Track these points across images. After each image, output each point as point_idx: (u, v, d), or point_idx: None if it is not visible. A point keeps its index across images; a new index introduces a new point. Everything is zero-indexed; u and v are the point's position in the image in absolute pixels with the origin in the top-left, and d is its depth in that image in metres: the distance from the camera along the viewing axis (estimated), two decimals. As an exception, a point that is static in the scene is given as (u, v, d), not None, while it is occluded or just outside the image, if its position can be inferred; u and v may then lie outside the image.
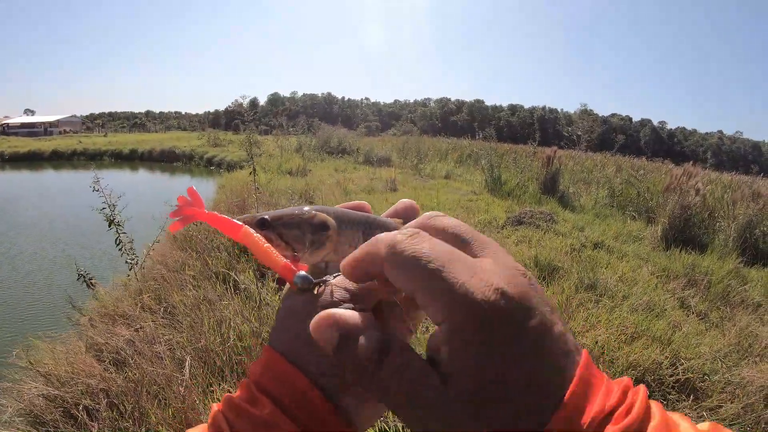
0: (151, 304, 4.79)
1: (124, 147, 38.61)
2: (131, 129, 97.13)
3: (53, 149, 38.42)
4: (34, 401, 3.38)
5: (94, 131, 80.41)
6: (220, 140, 36.84)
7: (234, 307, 4.28)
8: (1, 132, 74.29)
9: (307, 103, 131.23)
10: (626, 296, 5.04)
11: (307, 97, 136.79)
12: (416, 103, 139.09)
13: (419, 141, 26.27)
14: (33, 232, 12.60)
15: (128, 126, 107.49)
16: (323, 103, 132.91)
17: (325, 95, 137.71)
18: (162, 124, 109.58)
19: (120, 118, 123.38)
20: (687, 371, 3.48)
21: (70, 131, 78.07)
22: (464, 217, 8.49)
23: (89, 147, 39.63)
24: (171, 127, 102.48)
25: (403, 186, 12.85)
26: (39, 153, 37.81)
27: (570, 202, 11.03)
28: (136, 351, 3.74)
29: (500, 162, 14.23)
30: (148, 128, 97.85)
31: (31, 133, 69.96)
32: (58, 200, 17.30)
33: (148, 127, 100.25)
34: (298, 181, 12.89)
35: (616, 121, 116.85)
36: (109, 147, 39.18)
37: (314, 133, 27.68)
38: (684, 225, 7.64)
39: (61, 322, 5.25)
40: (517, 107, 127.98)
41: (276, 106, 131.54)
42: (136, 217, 6.84)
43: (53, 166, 34.30)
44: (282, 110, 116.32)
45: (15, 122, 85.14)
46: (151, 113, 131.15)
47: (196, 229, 6.54)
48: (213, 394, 3.13)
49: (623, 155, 23.25)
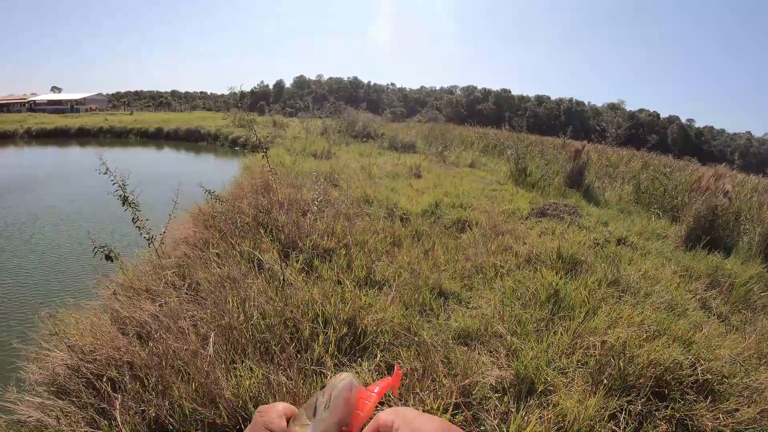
0: (175, 280, 4.86)
1: (149, 125, 38.97)
2: (157, 108, 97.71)
3: (80, 126, 38.76)
4: (58, 371, 3.47)
5: (120, 109, 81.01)
6: (245, 121, 37.05)
7: (258, 286, 4.34)
8: (28, 109, 75.14)
9: (333, 87, 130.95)
10: (648, 294, 5.00)
11: (333, 81, 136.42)
12: (442, 90, 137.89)
13: (444, 128, 26.21)
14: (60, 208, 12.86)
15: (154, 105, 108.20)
16: (349, 87, 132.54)
17: (351, 79, 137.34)
18: (187, 104, 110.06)
19: (145, 97, 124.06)
20: (706, 372, 3.46)
21: (96, 109, 78.81)
22: (488, 207, 8.50)
23: (115, 125, 39.94)
24: (196, 107, 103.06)
25: (427, 173, 12.80)
26: (66, 130, 38.15)
27: (595, 196, 10.93)
28: (161, 325, 3.82)
29: (526, 153, 14.12)
30: (174, 107, 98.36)
31: (57, 110, 70.67)
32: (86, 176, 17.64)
33: (173, 107, 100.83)
34: (322, 164, 12.95)
35: (643, 117, 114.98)
36: (134, 125, 39.48)
37: (340, 116, 27.66)
38: (710, 226, 7.53)
39: (86, 293, 5.34)
40: (544, 98, 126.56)
41: (302, 88, 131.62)
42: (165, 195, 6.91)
43: (79, 142, 34.80)
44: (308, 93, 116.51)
45: (42, 99, 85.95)
46: (177, 93, 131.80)
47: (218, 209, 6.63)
48: (236, 371, 3.18)
49: (649, 152, 22.93)
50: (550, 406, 3.08)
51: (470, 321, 4.15)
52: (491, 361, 3.59)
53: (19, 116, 49.91)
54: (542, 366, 3.39)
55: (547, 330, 4.03)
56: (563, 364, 3.58)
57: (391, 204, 8.24)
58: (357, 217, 7.23)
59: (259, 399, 2.95)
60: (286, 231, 5.95)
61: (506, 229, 6.97)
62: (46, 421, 2.99)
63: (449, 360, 3.47)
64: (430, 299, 4.59)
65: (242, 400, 2.92)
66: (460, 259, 5.79)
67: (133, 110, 75.62)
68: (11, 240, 9.77)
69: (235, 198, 7.71)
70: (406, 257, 5.70)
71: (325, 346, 3.56)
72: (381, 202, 8.44)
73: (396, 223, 7.19)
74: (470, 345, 3.86)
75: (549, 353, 3.63)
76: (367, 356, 3.62)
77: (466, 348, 3.78)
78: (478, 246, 6.23)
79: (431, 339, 3.77)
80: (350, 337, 3.75)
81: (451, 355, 3.52)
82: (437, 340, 3.80)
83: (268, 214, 6.60)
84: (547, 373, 3.37)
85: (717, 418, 3.09)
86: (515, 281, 5.06)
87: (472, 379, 3.24)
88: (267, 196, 7.58)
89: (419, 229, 6.91)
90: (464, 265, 5.60)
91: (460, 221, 7.51)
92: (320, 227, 6.19)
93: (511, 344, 3.74)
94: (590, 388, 3.31)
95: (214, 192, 6.65)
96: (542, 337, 3.86)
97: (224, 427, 2.85)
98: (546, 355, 3.56)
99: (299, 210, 6.95)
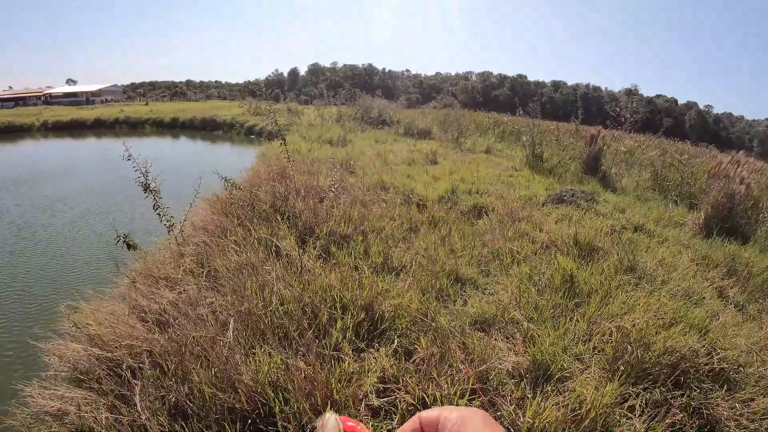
0: (193, 268, 4.92)
1: (165, 115, 39.22)
2: (172, 98, 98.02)
3: (96, 118, 39.06)
4: (78, 360, 3.53)
5: (136, 100, 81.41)
6: (261, 110, 37.08)
7: (276, 272, 4.38)
8: (44, 102, 75.78)
9: (348, 74, 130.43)
10: (665, 281, 4.97)
11: (347, 68, 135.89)
12: (458, 77, 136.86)
13: (460, 115, 26.03)
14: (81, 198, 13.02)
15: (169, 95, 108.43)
16: (364, 74, 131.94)
17: (366, 66, 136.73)
18: (202, 93, 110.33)
19: (160, 87, 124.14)
20: (722, 361, 3.45)
21: (111, 100, 79.43)
22: (504, 193, 8.49)
23: (131, 115, 40.19)
24: (211, 96, 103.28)
25: (443, 159, 12.79)
26: (82, 121, 38.47)
27: (611, 182, 10.84)
28: (180, 312, 3.87)
29: (542, 139, 14.03)
30: (189, 97, 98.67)
31: (73, 103, 71.28)
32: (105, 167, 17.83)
33: (188, 96, 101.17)
34: (338, 151, 12.99)
35: (661, 103, 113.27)
36: (150, 115, 39.78)
37: (355, 103, 27.62)
38: (727, 214, 7.44)
39: (105, 281, 5.42)
40: (560, 84, 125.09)
41: (316, 76, 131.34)
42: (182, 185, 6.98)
43: (95, 134, 35.09)
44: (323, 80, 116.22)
45: (58, 92, 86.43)
46: (192, 83, 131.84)
47: (235, 196, 6.68)
48: (255, 356, 3.22)
49: (667, 138, 22.64)
50: (567, 392, 3.09)
51: (487, 307, 4.17)
52: (508, 347, 3.61)
53: (35, 109, 50.44)
54: (559, 352, 3.40)
55: (564, 316, 4.04)
56: (580, 350, 3.59)
57: (407, 190, 8.26)
58: (373, 203, 7.26)
59: (278, 384, 2.99)
60: (304, 218, 6.00)
61: (523, 216, 6.97)
62: (66, 410, 3.04)
63: (466, 346, 3.49)
64: (447, 285, 4.61)
65: (261, 385, 2.96)
66: (476, 245, 5.80)
67: (148, 101, 75.99)
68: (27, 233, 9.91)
69: (252, 185, 7.76)
70: (422, 243, 5.73)
71: (343, 332, 3.60)
72: (397, 189, 8.47)
73: (413, 209, 7.21)
74: (487, 331, 3.89)
75: (565, 340, 3.64)
76: (384, 341, 3.65)
77: (483, 334, 3.80)
78: (494, 232, 6.23)
79: (448, 324, 3.79)
80: (368, 322, 3.79)
81: (467, 341, 3.54)
82: (454, 326, 3.83)
83: (285, 201, 6.65)
84: (564, 360, 3.38)
85: (733, 407, 3.09)
86: (532, 268, 5.06)
87: (489, 364, 3.26)
88: (284, 183, 7.62)
89: (436, 215, 6.93)
90: (481, 251, 5.62)
91: (476, 207, 7.52)
92: (337, 214, 6.23)
93: (527, 330, 3.75)
94: (606, 375, 3.32)
95: (231, 179, 6.71)
96: (559, 323, 3.87)
97: (243, 411, 2.89)
98: (563, 341, 3.58)
99: (316, 197, 6.99)
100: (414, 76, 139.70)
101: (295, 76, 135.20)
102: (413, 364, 3.33)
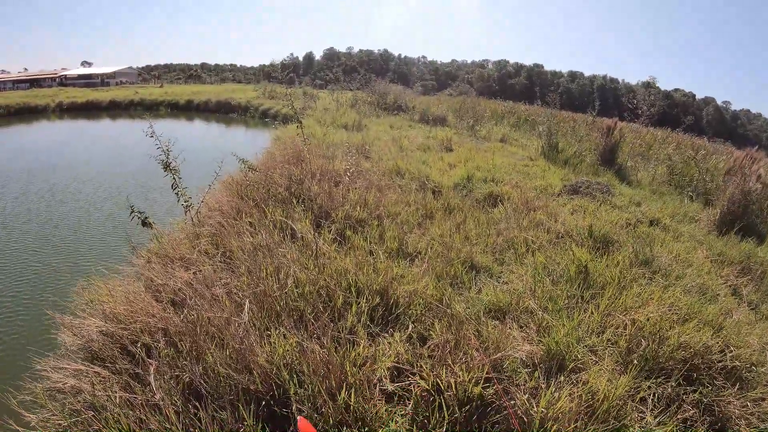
0: (209, 249, 4.95)
1: (180, 98, 39.33)
2: (186, 80, 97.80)
3: (111, 99, 39.20)
4: (93, 338, 3.55)
5: (150, 82, 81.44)
6: (276, 93, 37.05)
7: (292, 255, 4.40)
8: (59, 84, 75.86)
9: (363, 59, 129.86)
10: (680, 277, 4.95)
11: (363, 53, 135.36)
12: (474, 64, 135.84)
13: (476, 102, 25.92)
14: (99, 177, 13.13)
15: (183, 78, 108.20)
16: (379, 59, 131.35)
17: (382, 52, 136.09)
18: (217, 76, 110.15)
19: (175, 69, 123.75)
20: (735, 359, 3.43)
21: (126, 82, 79.43)
22: (519, 182, 8.48)
23: (146, 97, 40.29)
24: (226, 80, 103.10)
25: (458, 146, 12.71)
26: (97, 103, 38.62)
27: (627, 175, 10.75)
28: (195, 293, 3.89)
29: (558, 129, 13.93)
30: (204, 80, 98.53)
31: (88, 84, 71.13)
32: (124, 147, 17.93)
33: (203, 79, 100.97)
34: (353, 136, 12.99)
35: (678, 97, 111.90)
36: (165, 98, 39.83)
37: (370, 89, 27.54)
38: (743, 211, 7.37)
39: (120, 260, 5.46)
40: (577, 74, 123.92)
41: (332, 61, 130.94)
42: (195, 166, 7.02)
43: (110, 115, 35.22)
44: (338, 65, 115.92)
45: (73, 74, 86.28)
46: (207, 65, 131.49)
47: (251, 178, 6.70)
48: (270, 338, 3.25)
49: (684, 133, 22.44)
50: (580, 384, 3.09)
51: (501, 295, 4.17)
52: (522, 337, 3.61)
53: (50, 91, 50.47)
54: (573, 343, 3.40)
55: (578, 307, 4.03)
56: (593, 342, 3.58)
57: (422, 177, 8.25)
58: (388, 188, 7.26)
59: (293, 366, 3.01)
60: (319, 201, 6.02)
61: (538, 205, 6.95)
62: (81, 387, 3.07)
63: (480, 333, 3.49)
64: (462, 272, 4.61)
65: (276, 367, 2.98)
66: (491, 233, 5.79)
67: (163, 83, 76.07)
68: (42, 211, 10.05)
69: (268, 168, 7.77)
70: (437, 230, 5.73)
71: (358, 316, 3.61)
72: (412, 175, 8.46)
73: (428, 195, 7.21)
74: (501, 319, 3.89)
75: (579, 331, 3.64)
76: (399, 327, 3.67)
77: (498, 322, 3.80)
78: (509, 221, 6.22)
79: (464, 312, 3.80)
80: (382, 307, 3.80)
81: (482, 329, 3.54)
82: (469, 313, 3.83)
83: (300, 185, 6.66)
84: (578, 351, 3.38)
85: (744, 405, 3.08)
86: (546, 258, 5.06)
87: (504, 353, 3.27)
88: (299, 166, 7.63)
89: (451, 202, 6.92)
90: (495, 239, 5.61)
91: (491, 196, 7.50)
92: (352, 198, 6.24)
93: (542, 320, 3.75)
94: (620, 367, 3.32)
95: (248, 161, 6.74)
96: (573, 314, 3.87)
97: (258, 393, 2.90)
98: (577, 332, 3.58)
99: (331, 180, 7.00)
100: (430, 63, 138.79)
101: (310, 60, 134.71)
102: (428, 350, 3.33)
